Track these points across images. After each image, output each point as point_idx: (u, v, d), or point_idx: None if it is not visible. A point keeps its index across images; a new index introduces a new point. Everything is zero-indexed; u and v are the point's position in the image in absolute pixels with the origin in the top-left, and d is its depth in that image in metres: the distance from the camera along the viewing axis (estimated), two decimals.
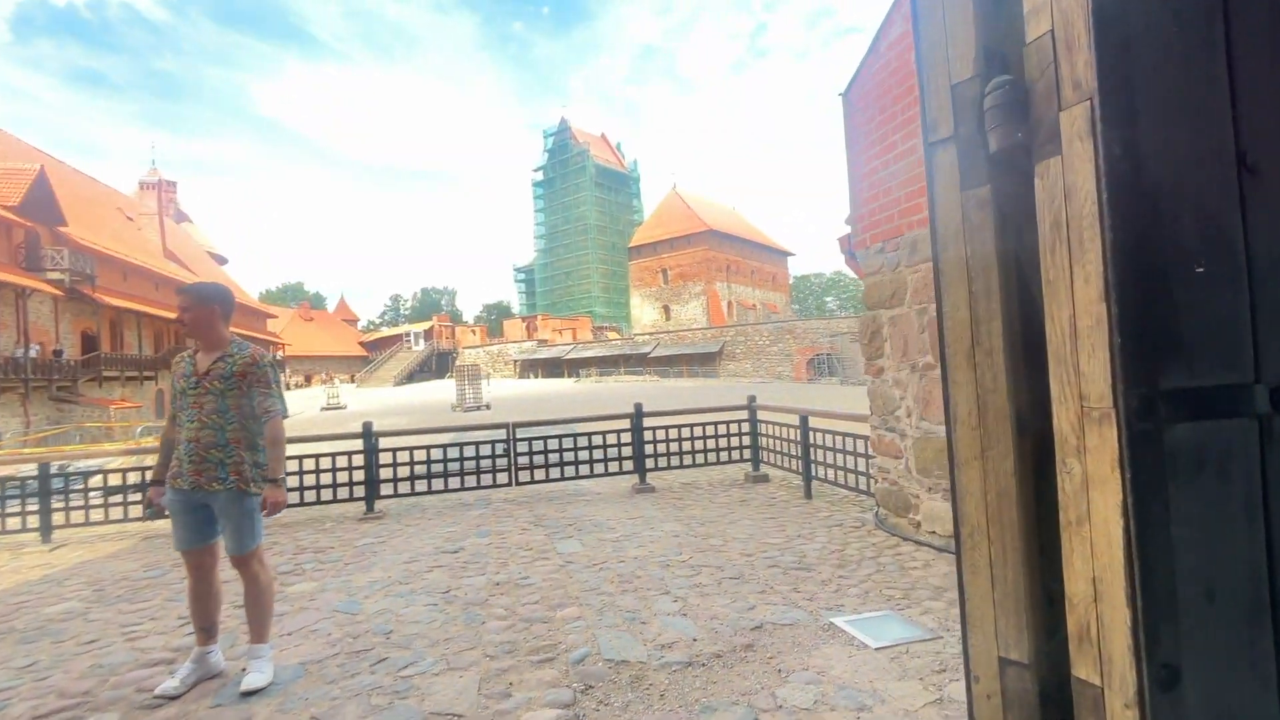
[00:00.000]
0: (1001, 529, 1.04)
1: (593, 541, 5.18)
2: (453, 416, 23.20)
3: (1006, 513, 1.03)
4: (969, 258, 1.07)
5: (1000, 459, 1.04)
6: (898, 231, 4.76)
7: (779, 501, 6.50)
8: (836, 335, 46.20)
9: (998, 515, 1.05)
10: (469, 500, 7.23)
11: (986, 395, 1.06)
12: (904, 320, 4.76)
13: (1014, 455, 1.03)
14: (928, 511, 4.60)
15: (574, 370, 57.16)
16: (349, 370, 70.59)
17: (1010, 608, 1.03)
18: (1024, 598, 1.01)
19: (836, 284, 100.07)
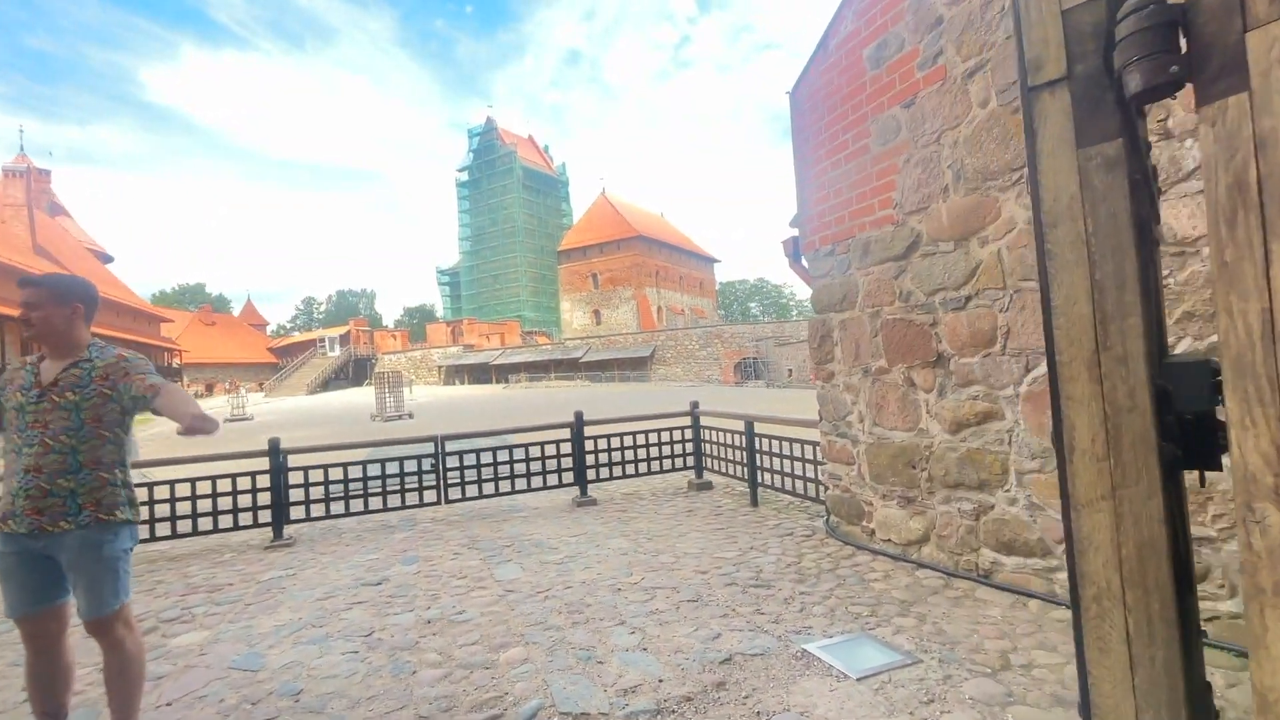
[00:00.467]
0: (1145, 594, 0.79)
1: (534, 565, 4.76)
2: (373, 427, 21.86)
3: (1153, 572, 0.79)
4: (1090, 235, 0.83)
5: (1142, 500, 0.79)
6: (849, 233, 4.65)
7: (726, 510, 6.30)
8: (761, 340, 47.36)
9: (1139, 575, 0.80)
10: (393, 521, 6.60)
11: (1120, 416, 0.81)
12: (855, 324, 4.65)
13: (1162, 496, 0.78)
14: (882, 519, 4.50)
15: (503, 376, 55.68)
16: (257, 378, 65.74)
17: (1161, 701, 0.78)
18: (1181, 689, 0.77)
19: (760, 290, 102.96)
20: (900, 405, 4.29)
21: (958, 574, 3.89)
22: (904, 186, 4.14)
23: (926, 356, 4.04)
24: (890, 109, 4.22)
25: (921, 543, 4.19)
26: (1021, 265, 3.41)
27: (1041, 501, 3.41)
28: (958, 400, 3.86)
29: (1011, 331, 3.50)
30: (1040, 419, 3.38)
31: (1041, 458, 3.39)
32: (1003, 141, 3.46)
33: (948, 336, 3.89)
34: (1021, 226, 3.40)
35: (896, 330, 4.26)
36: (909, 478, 4.25)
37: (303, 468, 6.12)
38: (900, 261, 4.21)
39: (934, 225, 3.94)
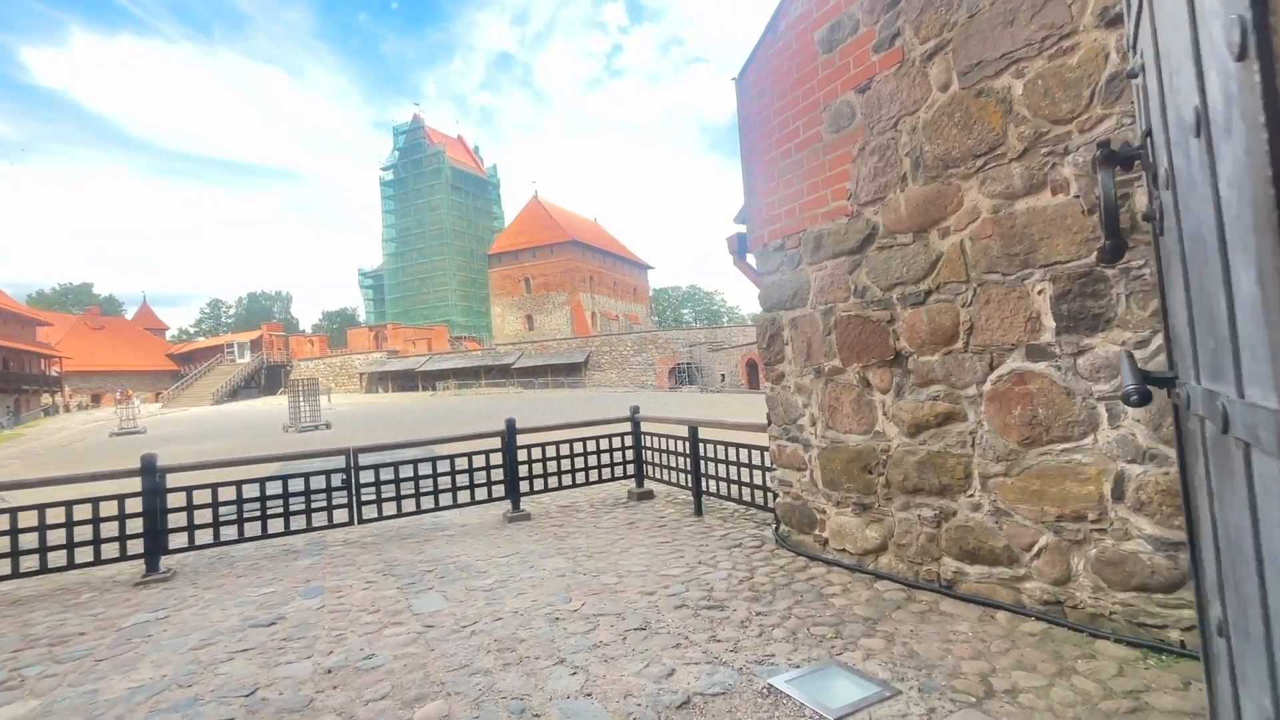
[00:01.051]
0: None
1: (459, 592, 4.22)
2: (284, 440, 20.28)
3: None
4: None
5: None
6: (800, 226, 4.40)
7: (669, 521, 5.94)
8: (695, 345, 47.79)
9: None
10: (298, 546, 5.84)
11: None
12: (807, 321, 4.40)
13: None
14: (836, 527, 4.25)
15: (430, 383, 53.53)
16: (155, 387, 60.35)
17: None
18: None
19: (692, 297, 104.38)
20: (855, 407, 4.06)
21: (919, 585, 3.68)
22: (859, 176, 3.93)
23: (884, 355, 3.83)
24: (844, 94, 4.00)
25: (879, 552, 3.96)
26: (986, 257, 3.23)
27: (1007, 506, 3.22)
28: (917, 401, 3.65)
29: (975, 327, 3.31)
30: (1005, 419, 3.20)
31: (1007, 460, 3.21)
32: (965, 126, 3.28)
33: (906, 334, 3.68)
34: (986, 216, 3.22)
35: (851, 328, 4.03)
36: (865, 483, 4.02)
37: (186, 488, 5.29)
38: (855, 255, 3.99)
39: (891, 216, 3.73)
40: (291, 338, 67.31)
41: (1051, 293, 2.96)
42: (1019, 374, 3.13)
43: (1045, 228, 2.96)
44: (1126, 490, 2.75)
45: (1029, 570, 3.16)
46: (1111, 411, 2.79)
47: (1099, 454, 2.84)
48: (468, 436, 6.63)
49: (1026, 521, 3.14)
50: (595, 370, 49.18)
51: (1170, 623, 2.66)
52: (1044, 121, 2.94)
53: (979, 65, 3.20)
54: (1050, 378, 3.00)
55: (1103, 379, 2.81)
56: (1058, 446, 2.99)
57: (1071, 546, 2.97)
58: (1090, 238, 2.80)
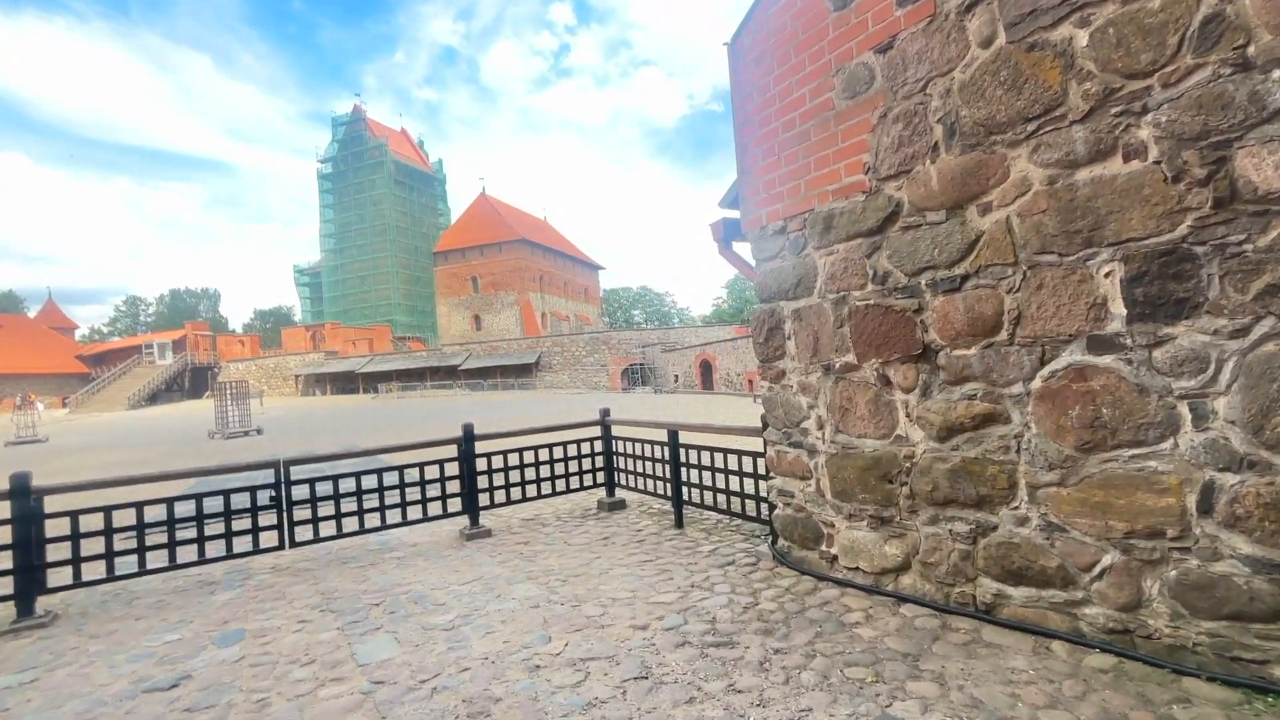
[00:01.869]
0: None
1: (414, 633, 3.54)
2: (210, 447, 18.64)
3: None
4: None
5: None
6: (805, 206, 3.93)
7: (648, 535, 5.39)
8: (648, 346, 47.49)
9: None
10: (216, 576, 4.99)
11: None
12: (814, 313, 3.93)
13: None
14: (847, 543, 3.80)
15: (371, 385, 51.23)
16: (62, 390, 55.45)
17: None
18: None
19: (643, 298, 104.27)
20: (872, 408, 3.61)
21: (950, 609, 3.25)
22: (879, 147, 3.48)
23: (908, 349, 3.38)
24: (860, 56, 3.54)
25: (900, 571, 3.52)
26: (1038, 235, 2.81)
27: (1062, 520, 2.82)
28: (948, 401, 3.22)
29: (1023, 316, 2.90)
30: (1059, 421, 2.80)
31: (1061, 468, 2.80)
32: (1014, 86, 2.86)
33: (937, 325, 3.25)
34: (1038, 188, 2.80)
35: (869, 319, 3.57)
36: (884, 494, 3.57)
37: (70, 512, 4.38)
38: (874, 237, 3.53)
39: (919, 191, 3.29)
40: (220, 337, 63.21)
41: (1122, 275, 2.56)
42: (1078, 369, 2.73)
43: (1115, 200, 2.56)
44: (1217, 503, 2.37)
45: (1088, 594, 2.76)
46: (1197, 412, 2.41)
47: (1180, 461, 2.45)
48: (419, 445, 5.88)
49: (1086, 538, 2.74)
50: (547, 371, 48.15)
51: (1274, 657, 2.28)
52: (1115, 76, 2.54)
53: (1031, 15, 2.79)
54: (1118, 373, 2.60)
55: (1186, 374, 2.42)
56: (1126, 452, 2.60)
57: (1144, 567, 2.58)
58: (1174, 209, 2.41)
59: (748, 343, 33.55)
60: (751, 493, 4.98)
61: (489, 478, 6.01)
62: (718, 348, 37.32)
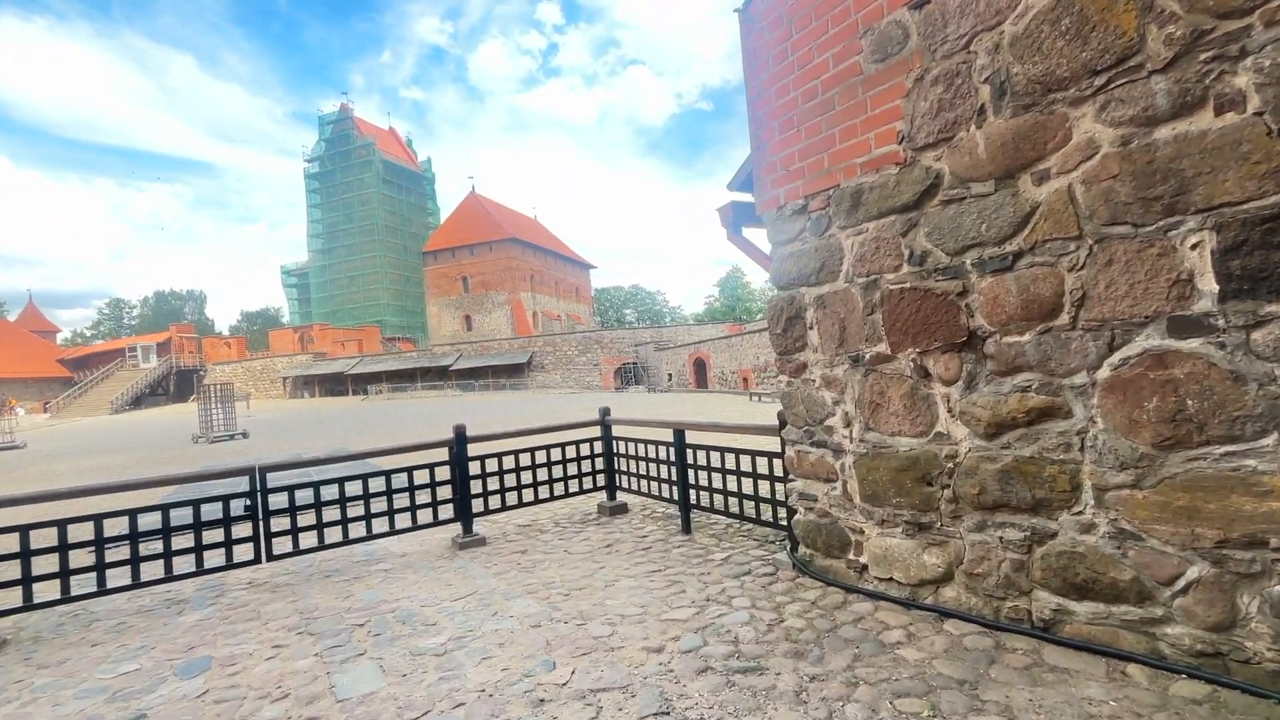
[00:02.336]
0: None
1: (401, 659, 3.16)
2: (194, 452, 18.12)
3: None
4: None
5: None
6: (830, 182, 3.58)
7: (654, 542, 5.03)
8: (641, 345, 47.14)
9: None
10: (186, 593, 4.58)
11: None
12: (840, 299, 3.59)
13: None
14: (878, 551, 3.46)
15: (360, 387, 50.59)
16: (44, 395, 54.39)
17: None
18: None
19: (635, 297, 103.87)
20: (908, 403, 3.27)
21: (1002, 625, 2.91)
22: (914, 114, 3.13)
23: (951, 337, 3.04)
24: (892, 13, 3.20)
25: (941, 583, 3.18)
26: (1108, 204, 2.48)
27: (1136, 527, 2.49)
28: (997, 394, 2.89)
29: (1089, 297, 2.56)
30: (1132, 414, 2.46)
31: (1136, 468, 2.47)
32: (1078, 36, 2.52)
33: (985, 309, 2.91)
34: (1108, 150, 2.47)
35: (905, 304, 3.23)
36: (921, 498, 3.23)
37: (19, 527, 3.96)
38: (909, 213, 3.19)
39: (962, 161, 2.95)
40: (205, 340, 62.23)
41: (1214, 246, 2.23)
42: (1156, 355, 2.39)
43: (1205, 160, 2.23)
44: None
45: (1170, 611, 2.43)
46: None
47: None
48: (408, 448, 5.49)
49: (1167, 547, 2.41)
50: (539, 371, 47.71)
51: None
52: (1205, 17, 2.20)
53: None
54: (1207, 358, 2.27)
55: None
56: (1217, 449, 2.27)
57: (1239, 581, 2.25)
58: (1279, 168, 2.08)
59: (742, 340, 33.26)
60: (766, 496, 4.64)
61: (483, 482, 5.63)
62: (711, 345, 37.02)
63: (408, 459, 5.58)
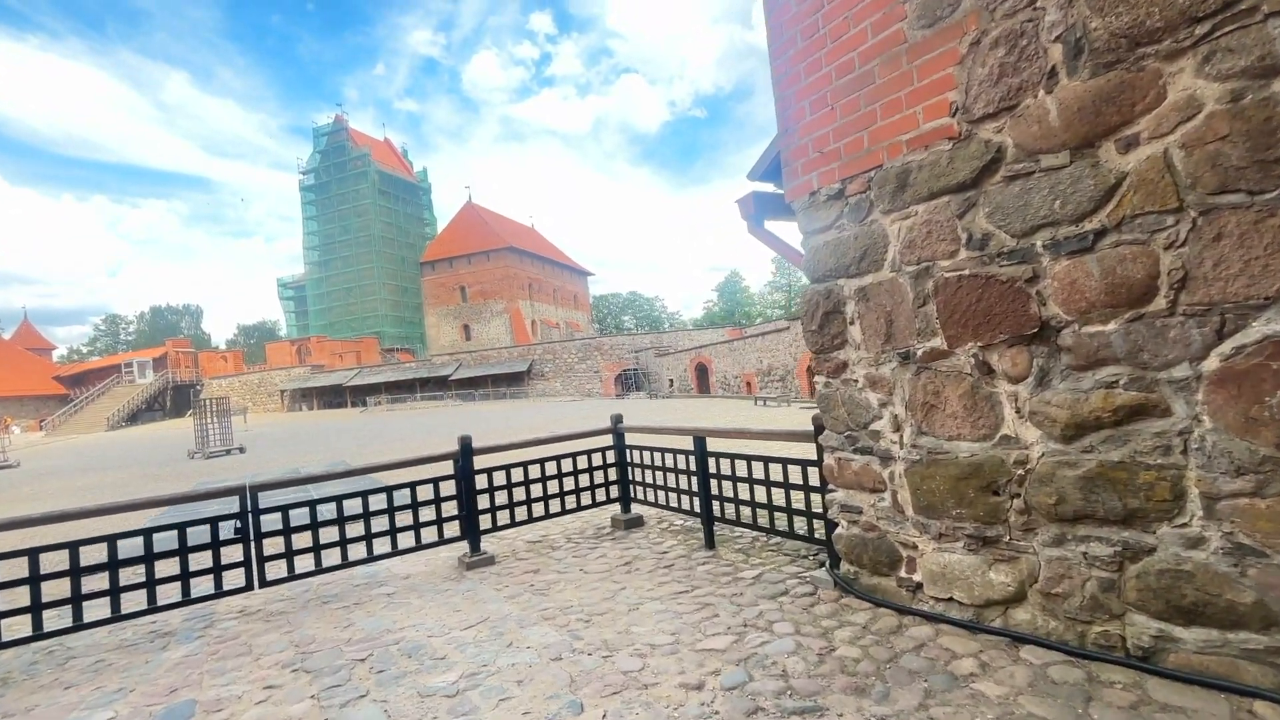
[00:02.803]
0: None
1: (409, 702, 2.81)
2: (190, 468, 17.74)
3: None
4: None
5: None
6: (871, 163, 3.27)
7: (675, 558, 4.69)
8: (641, 351, 46.82)
9: None
10: (172, 624, 4.23)
11: None
12: (885, 290, 3.26)
13: None
14: (936, 569, 3.12)
15: (359, 399, 50.18)
16: (40, 413, 53.96)
17: None
18: None
19: (633, 304, 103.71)
20: (968, 403, 2.94)
21: (1089, 654, 2.57)
22: (970, 82, 2.82)
23: (1019, 328, 2.72)
24: None
25: (1011, 603, 2.85)
26: (1215, 170, 2.16)
27: (1258, 542, 2.15)
28: (1076, 391, 2.56)
29: (1191, 277, 2.24)
30: (1249, 411, 2.14)
31: (1255, 473, 2.14)
32: None
33: (1060, 295, 2.59)
34: (1214, 109, 2.15)
35: (964, 293, 2.91)
36: (987, 509, 2.90)
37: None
38: (966, 193, 2.87)
39: (1029, 131, 2.64)
40: (201, 354, 61.82)
41: None
42: (1278, 342, 2.07)
43: None
44: None
45: None
46: None
47: None
48: (410, 462, 5.14)
49: None
50: (539, 379, 47.36)
51: None
52: None
53: None
54: None
55: None
56: None
57: None
58: None
59: (744, 344, 32.95)
60: (800, 508, 4.29)
61: (490, 496, 5.29)
62: (713, 350, 36.69)
63: (410, 474, 5.23)
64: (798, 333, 26.71)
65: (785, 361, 28.20)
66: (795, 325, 27.39)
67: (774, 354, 29.45)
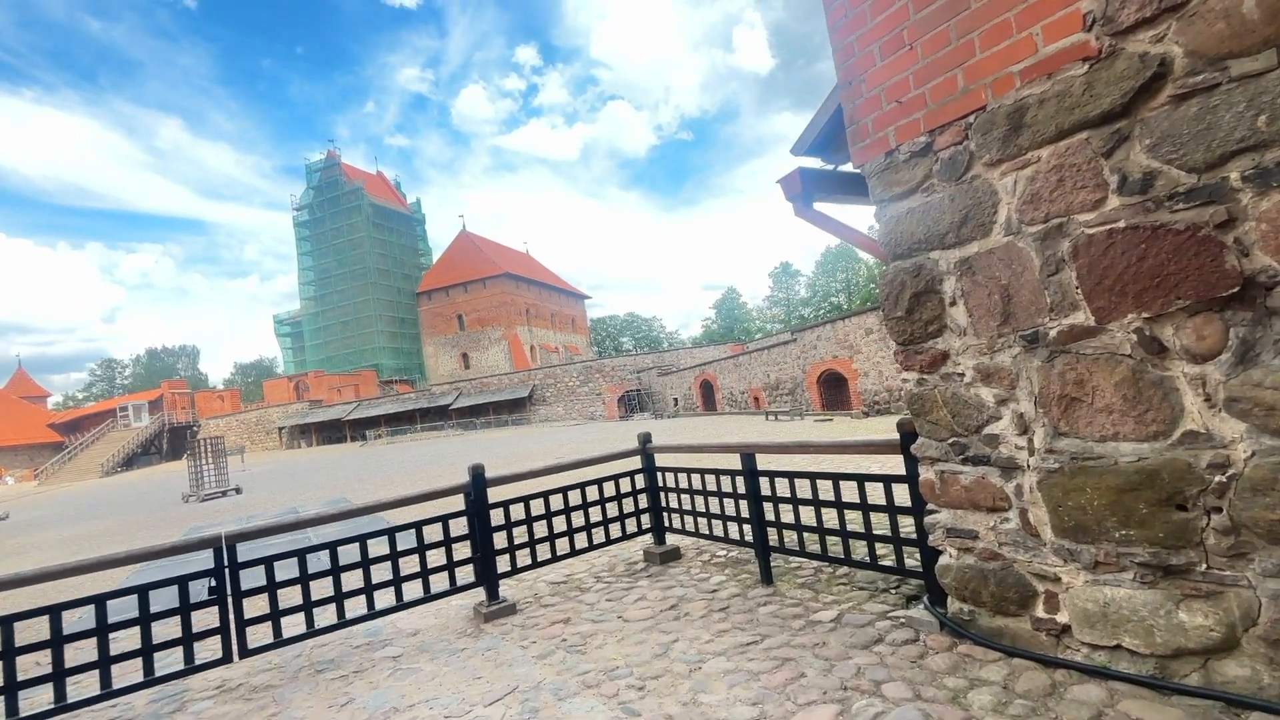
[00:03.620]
0: None
1: None
2: (183, 512, 16.91)
3: None
4: None
5: None
6: (968, 104, 2.66)
7: (730, 599, 3.99)
8: (643, 371, 46.15)
9: None
10: (135, 711, 3.50)
11: None
12: (998, 259, 2.63)
13: None
14: (1091, 607, 2.44)
15: (358, 432, 49.30)
16: (35, 462, 52.96)
17: None
18: None
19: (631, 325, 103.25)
20: (1129, 392, 2.29)
21: None
22: None
23: (1210, 289, 2.08)
24: None
25: (1216, 653, 2.16)
26: None
27: None
28: None
29: None
30: None
31: None
32: None
33: (1272, 242, 1.95)
34: None
35: (1119, 251, 2.27)
36: (1169, 528, 2.23)
37: None
38: (1113, 124, 2.26)
39: (1209, 31, 2.03)
40: (198, 394, 60.96)
41: None
42: None
43: None
44: None
45: None
46: None
47: None
48: (414, 498, 4.45)
49: None
50: (540, 405, 46.60)
51: None
52: None
53: None
54: None
55: None
56: None
57: None
58: None
59: (750, 359, 32.29)
60: (884, 533, 3.60)
61: (507, 533, 4.59)
62: (717, 367, 36.01)
63: (414, 512, 4.54)
64: (804, 345, 26.06)
65: (793, 374, 27.51)
66: (801, 337, 26.77)
67: (781, 367, 28.79)
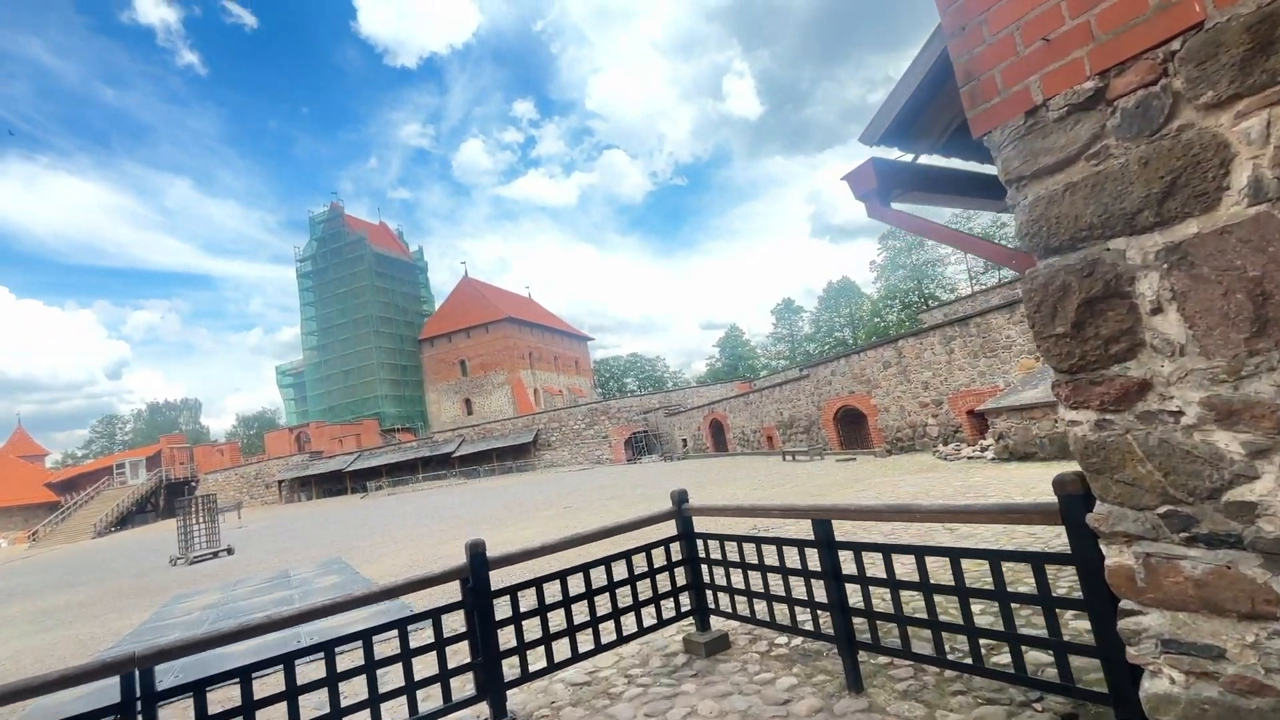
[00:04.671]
0: None
1: None
2: (165, 580, 15.77)
3: None
4: None
5: None
6: (1169, 26, 1.85)
7: (812, 714, 3.00)
8: (650, 412, 45.07)
9: None
10: None
11: None
12: (1241, 243, 1.78)
13: None
14: None
15: (359, 484, 47.99)
16: (31, 522, 51.52)
17: None
18: None
19: (635, 365, 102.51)
20: None
21: None
22: None
23: None
24: None
25: None
26: None
27: None
28: None
29: None
30: None
31: None
32: None
33: None
34: None
35: None
36: None
37: None
38: None
39: None
40: (197, 449, 59.89)
41: None
42: None
43: None
44: None
45: None
46: None
47: None
48: (398, 589, 3.49)
49: None
50: (545, 449, 45.42)
51: None
52: None
53: None
54: None
55: None
56: None
57: None
58: None
59: (760, 397, 31.31)
60: (1033, 634, 2.65)
61: (516, 628, 3.63)
62: (727, 405, 34.96)
63: (394, 607, 3.59)
64: (817, 380, 25.13)
65: (808, 411, 26.48)
66: (814, 373, 25.84)
67: (794, 404, 27.77)
